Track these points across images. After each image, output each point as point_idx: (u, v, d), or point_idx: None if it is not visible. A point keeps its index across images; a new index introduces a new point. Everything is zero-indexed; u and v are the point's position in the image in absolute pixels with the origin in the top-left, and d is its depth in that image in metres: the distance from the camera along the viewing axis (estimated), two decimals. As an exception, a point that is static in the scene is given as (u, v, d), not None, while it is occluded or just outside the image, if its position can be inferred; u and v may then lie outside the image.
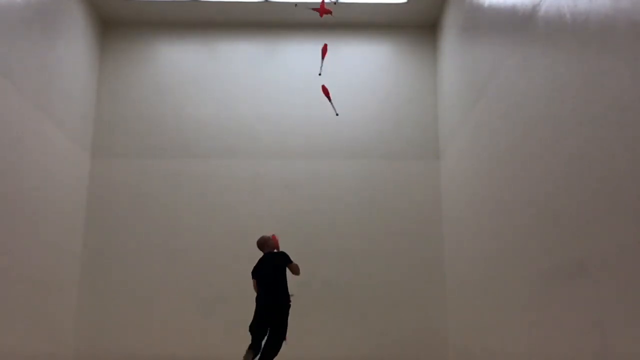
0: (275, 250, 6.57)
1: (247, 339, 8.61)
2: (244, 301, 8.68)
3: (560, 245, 4.56)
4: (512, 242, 5.73)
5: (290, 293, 6.29)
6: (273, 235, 6.68)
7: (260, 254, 6.57)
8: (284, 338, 6.09)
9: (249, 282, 9.32)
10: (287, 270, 6.38)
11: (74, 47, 8.68)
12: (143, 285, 8.74)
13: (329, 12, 6.37)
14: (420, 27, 9.74)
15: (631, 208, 3.52)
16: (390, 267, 8.84)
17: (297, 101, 9.47)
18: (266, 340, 6.06)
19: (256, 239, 6.65)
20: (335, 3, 6.80)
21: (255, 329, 6.13)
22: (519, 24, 5.59)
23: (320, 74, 6.48)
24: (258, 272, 6.37)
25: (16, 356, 6.86)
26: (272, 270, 6.29)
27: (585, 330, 4.10)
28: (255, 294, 6.37)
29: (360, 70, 9.63)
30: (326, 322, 8.66)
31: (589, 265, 4.06)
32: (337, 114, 6.72)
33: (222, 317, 8.62)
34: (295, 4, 7.31)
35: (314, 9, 6.32)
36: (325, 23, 9.76)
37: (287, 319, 6.16)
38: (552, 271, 4.69)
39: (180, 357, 8.44)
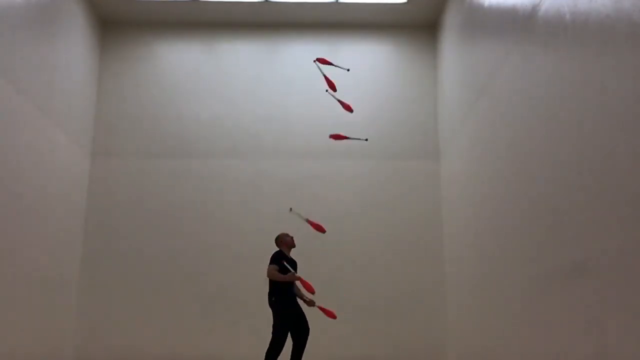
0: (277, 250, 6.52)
1: (247, 339, 8.66)
2: (244, 301, 8.74)
3: (559, 246, 4.56)
4: (512, 242, 5.73)
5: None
6: (282, 234, 6.59)
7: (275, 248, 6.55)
8: (273, 341, 6.08)
9: (249, 282, 9.32)
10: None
11: (74, 47, 8.67)
12: (143, 285, 8.73)
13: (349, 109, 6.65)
14: (420, 27, 9.74)
15: (631, 208, 3.52)
16: (390, 267, 8.84)
17: (297, 101, 9.47)
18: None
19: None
20: (348, 70, 7.13)
21: None
22: (519, 24, 5.59)
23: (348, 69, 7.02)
24: None
25: (16, 356, 6.86)
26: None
27: (585, 330, 4.10)
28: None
29: (360, 70, 9.63)
30: (325, 323, 8.65)
31: (588, 266, 4.06)
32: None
33: (222, 317, 8.63)
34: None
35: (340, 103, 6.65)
36: (325, 23, 9.79)
37: (276, 321, 6.15)
38: (552, 271, 4.69)
39: (180, 356, 8.44)
